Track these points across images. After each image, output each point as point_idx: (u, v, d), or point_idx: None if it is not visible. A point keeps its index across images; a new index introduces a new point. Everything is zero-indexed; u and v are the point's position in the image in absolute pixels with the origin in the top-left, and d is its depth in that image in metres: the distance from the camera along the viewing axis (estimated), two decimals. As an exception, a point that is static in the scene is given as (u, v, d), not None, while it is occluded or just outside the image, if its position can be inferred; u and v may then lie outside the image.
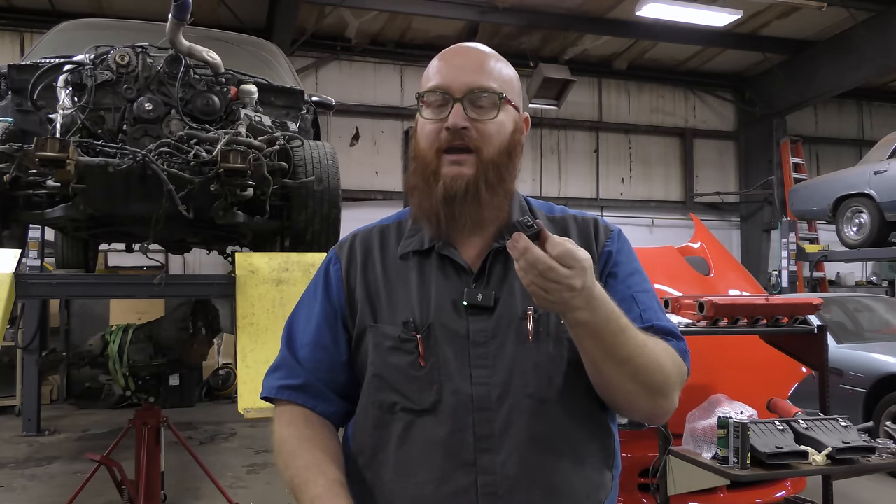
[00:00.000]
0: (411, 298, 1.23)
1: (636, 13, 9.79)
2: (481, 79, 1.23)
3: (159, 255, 7.59)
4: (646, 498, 3.73)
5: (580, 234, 1.31)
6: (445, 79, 1.23)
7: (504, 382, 1.18)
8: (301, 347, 1.29)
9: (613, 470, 1.26)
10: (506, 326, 1.20)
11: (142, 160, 3.26)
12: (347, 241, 1.35)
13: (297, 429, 1.25)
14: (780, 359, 3.77)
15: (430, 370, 1.19)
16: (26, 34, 10.10)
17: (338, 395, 1.29)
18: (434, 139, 1.22)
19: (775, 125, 12.64)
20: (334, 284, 1.30)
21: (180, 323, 4.21)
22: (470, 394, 1.17)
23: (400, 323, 1.21)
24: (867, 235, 8.01)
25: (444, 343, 1.20)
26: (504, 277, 1.24)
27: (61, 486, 5.33)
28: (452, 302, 1.21)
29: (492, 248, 1.25)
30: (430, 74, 1.26)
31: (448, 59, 1.27)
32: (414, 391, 1.19)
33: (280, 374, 1.30)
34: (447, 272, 1.24)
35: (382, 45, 11.49)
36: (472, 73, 1.23)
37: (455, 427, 1.16)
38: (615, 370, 1.12)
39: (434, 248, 1.26)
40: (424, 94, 1.25)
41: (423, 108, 1.26)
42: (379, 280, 1.27)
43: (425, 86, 1.26)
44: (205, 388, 9.09)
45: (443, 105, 1.23)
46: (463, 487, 1.14)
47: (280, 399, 1.29)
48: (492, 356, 1.19)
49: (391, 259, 1.29)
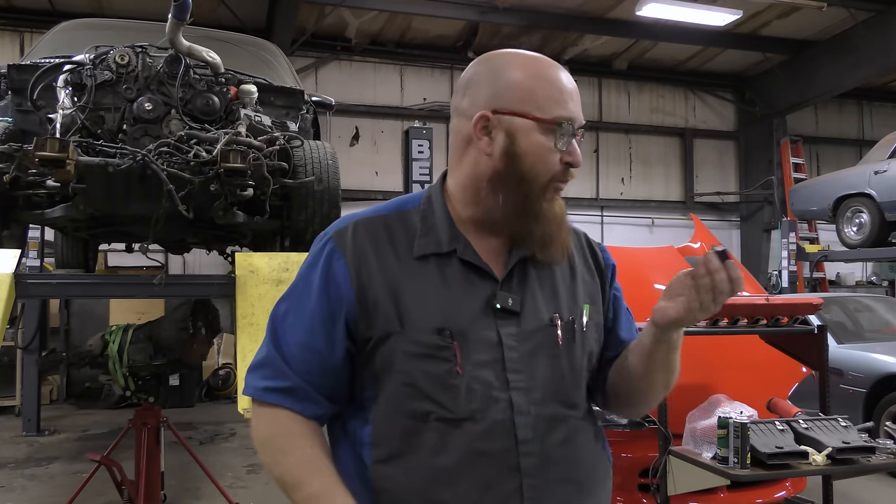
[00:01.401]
0: (439, 303, 1.19)
1: (636, 13, 9.79)
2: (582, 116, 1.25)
3: (159, 255, 7.58)
4: (646, 498, 3.72)
5: (578, 247, 1.36)
6: (573, 111, 1.22)
7: (539, 387, 1.19)
8: (289, 346, 1.22)
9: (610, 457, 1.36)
10: (535, 332, 1.21)
11: (142, 160, 3.26)
12: (348, 231, 1.24)
13: (283, 426, 1.20)
14: (780, 359, 3.76)
15: (468, 378, 1.16)
16: (26, 34, 10.10)
17: (326, 398, 1.22)
18: (552, 166, 1.21)
19: (775, 125, 12.64)
20: (339, 281, 1.20)
21: (180, 323, 4.21)
22: (508, 399, 1.17)
23: (432, 329, 1.17)
24: (867, 235, 8.01)
25: (480, 349, 1.18)
26: (527, 285, 1.25)
27: (61, 486, 5.32)
28: (481, 307, 1.20)
29: (516, 256, 1.25)
30: (556, 96, 1.21)
31: (566, 87, 1.23)
32: (450, 399, 1.16)
33: (265, 372, 1.23)
34: (471, 277, 1.22)
35: (382, 45, 11.49)
36: (580, 108, 1.24)
37: (498, 433, 1.15)
38: (662, 377, 1.28)
39: (454, 252, 1.23)
40: (563, 123, 1.20)
41: (541, 126, 1.20)
42: (399, 281, 1.20)
43: (554, 107, 1.20)
44: (205, 388, 9.09)
45: (563, 134, 1.21)
46: (508, 493, 1.15)
47: (265, 402, 1.22)
48: (524, 360, 1.19)
49: (405, 258, 1.22)
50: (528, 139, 1.19)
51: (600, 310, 1.33)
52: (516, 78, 1.21)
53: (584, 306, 1.28)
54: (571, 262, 1.31)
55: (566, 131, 1.20)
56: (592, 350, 1.29)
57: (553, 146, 1.20)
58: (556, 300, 1.25)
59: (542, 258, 1.25)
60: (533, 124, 1.19)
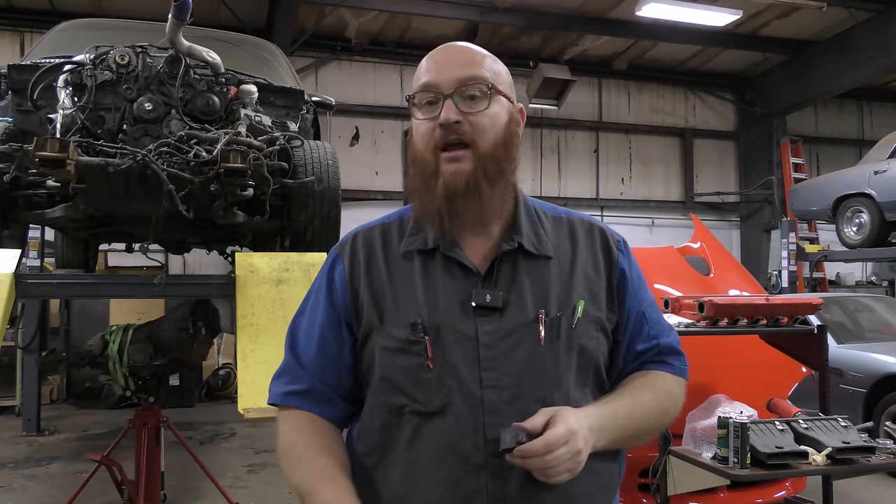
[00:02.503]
0: (417, 299, 1.21)
1: (636, 13, 9.78)
2: (469, 70, 1.23)
3: (159, 255, 7.59)
4: (646, 498, 3.73)
5: (587, 240, 1.32)
6: (434, 76, 1.23)
7: (514, 385, 1.17)
8: (305, 351, 1.28)
9: (620, 473, 1.29)
10: (516, 329, 1.19)
11: (142, 160, 3.26)
12: (349, 241, 1.32)
13: (305, 434, 1.25)
14: (780, 359, 3.76)
15: (439, 372, 1.17)
16: (26, 34, 10.09)
17: (342, 399, 1.28)
18: (429, 138, 1.21)
19: (775, 125, 12.63)
20: (338, 287, 1.27)
21: (180, 323, 4.21)
22: (480, 396, 1.16)
23: (407, 324, 1.20)
24: (867, 235, 8.01)
25: (453, 345, 1.18)
26: (513, 280, 1.23)
27: (61, 486, 5.32)
28: (460, 303, 1.20)
29: (501, 249, 1.24)
30: (420, 74, 1.26)
31: (435, 59, 1.26)
32: (422, 393, 1.17)
33: (285, 379, 1.30)
34: (454, 273, 1.23)
35: (382, 45, 11.49)
36: (459, 66, 1.23)
37: (465, 430, 1.15)
38: (637, 441, 1.28)
39: (438, 249, 1.24)
40: (415, 95, 1.25)
41: (415, 109, 1.25)
42: (383, 280, 1.25)
43: (415, 86, 1.25)
44: (205, 388, 9.09)
45: (434, 103, 1.22)
46: (473, 491, 1.14)
47: (286, 405, 1.29)
48: (501, 359, 1.18)
49: (394, 258, 1.26)
50: (413, 124, 1.27)
51: (602, 307, 1.27)
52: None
53: (578, 302, 1.24)
54: (573, 256, 1.29)
55: (423, 101, 1.23)
56: (586, 346, 1.23)
57: (423, 118, 1.23)
58: (545, 296, 1.23)
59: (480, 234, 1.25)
60: (413, 108, 1.26)
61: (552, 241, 1.29)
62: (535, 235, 1.27)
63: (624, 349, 1.31)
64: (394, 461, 1.19)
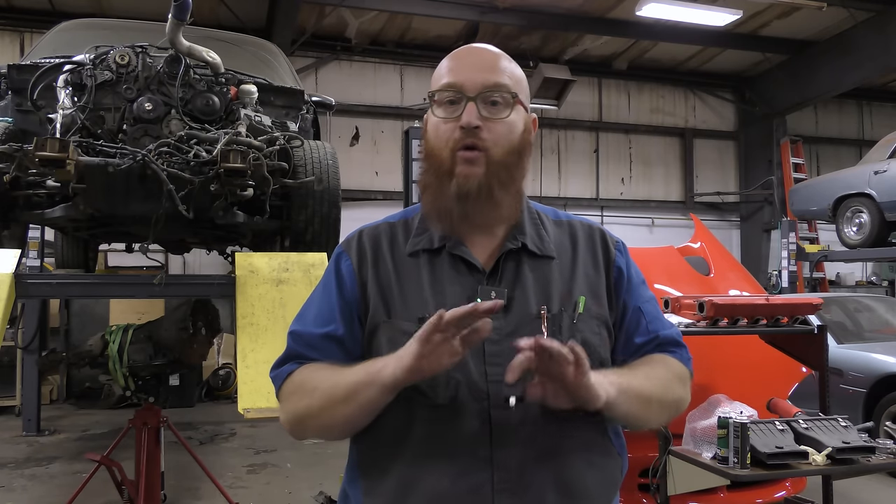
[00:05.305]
0: (424, 294, 1.24)
1: (636, 13, 9.79)
2: (495, 76, 1.24)
3: (159, 255, 7.58)
4: (646, 498, 3.73)
5: (587, 241, 1.35)
6: (459, 77, 1.24)
7: (519, 380, 1.18)
8: (311, 336, 1.27)
9: (622, 471, 1.29)
10: (520, 325, 1.21)
11: (142, 160, 3.26)
12: (354, 238, 1.34)
13: (312, 367, 1.24)
14: (780, 359, 3.76)
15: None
16: (26, 34, 10.09)
17: None
18: (448, 138, 1.23)
19: (775, 125, 12.63)
20: (347, 279, 1.29)
21: (180, 323, 4.21)
22: (486, 391, 1.18)
23: (415, 318, 1.21)
24: (867, 235, 8.01)
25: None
26: (517, 278, 1.26)
27: (61, 486, 5.32)
28: (466, 299, 1.21)
29: (505, 248, 1.27)
30: (443, 73, 1.26)
31: (461, 58, 1.27)
32: (430, 386, 1.18)
33: (288, 366, 1.28)
34: (459, 270, 1.25)
35: (382, 45, 11.49)
36: (485, 71, 1.24)
37: (472, 423, 1.17)
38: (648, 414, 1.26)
39: (445, 247, 1.27)
40: (436, 93, 1.25)
41: (434, 106, 1.26)
42: (391, 276, 1.27)
43: (437, 84, 1.26)
44: (205, 388, 9.09)
45: (455, 103, 1.23)
46: (479, 483, 1.15)
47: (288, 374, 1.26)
48: (506, 354, 1.18)
49: (400, 256, 1.29)
50: (429, 119, 1.27)
51: (603, 303, 1.30)
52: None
53: (579, 298, 1.26)
54: (574, 256, 1.32)
55: (444, 100, 1.24)
56: (588, 341, 1.24)
57: (444, 117, 1.24)
58: (547, 293, 1.25)
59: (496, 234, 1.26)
60: (432, 105, 1.26)
61: (554, 242, 1.32)
62: (538, 236, 1.31)
63: (622, 343, 1.33)
64: (402, 452, 1.20)
